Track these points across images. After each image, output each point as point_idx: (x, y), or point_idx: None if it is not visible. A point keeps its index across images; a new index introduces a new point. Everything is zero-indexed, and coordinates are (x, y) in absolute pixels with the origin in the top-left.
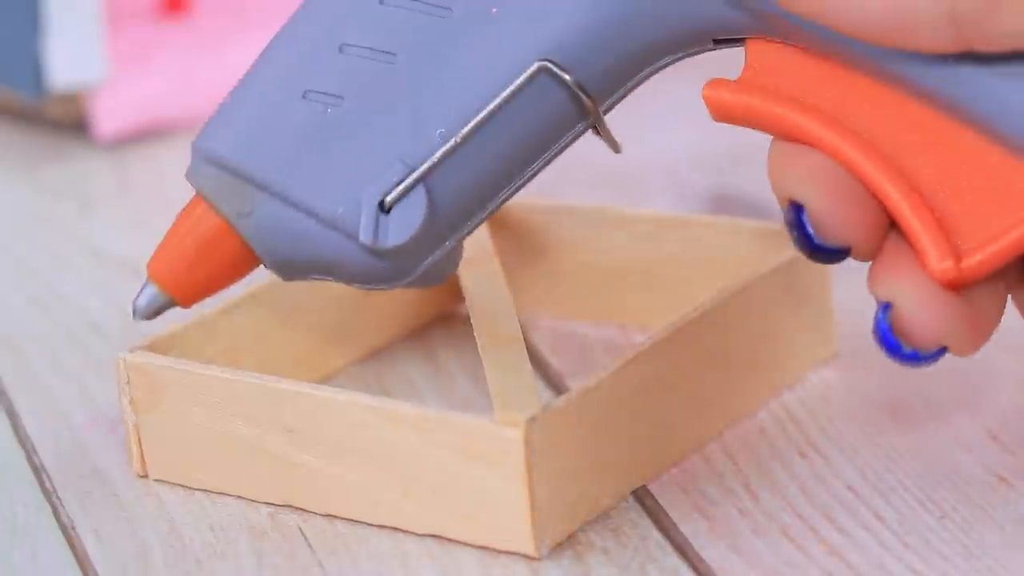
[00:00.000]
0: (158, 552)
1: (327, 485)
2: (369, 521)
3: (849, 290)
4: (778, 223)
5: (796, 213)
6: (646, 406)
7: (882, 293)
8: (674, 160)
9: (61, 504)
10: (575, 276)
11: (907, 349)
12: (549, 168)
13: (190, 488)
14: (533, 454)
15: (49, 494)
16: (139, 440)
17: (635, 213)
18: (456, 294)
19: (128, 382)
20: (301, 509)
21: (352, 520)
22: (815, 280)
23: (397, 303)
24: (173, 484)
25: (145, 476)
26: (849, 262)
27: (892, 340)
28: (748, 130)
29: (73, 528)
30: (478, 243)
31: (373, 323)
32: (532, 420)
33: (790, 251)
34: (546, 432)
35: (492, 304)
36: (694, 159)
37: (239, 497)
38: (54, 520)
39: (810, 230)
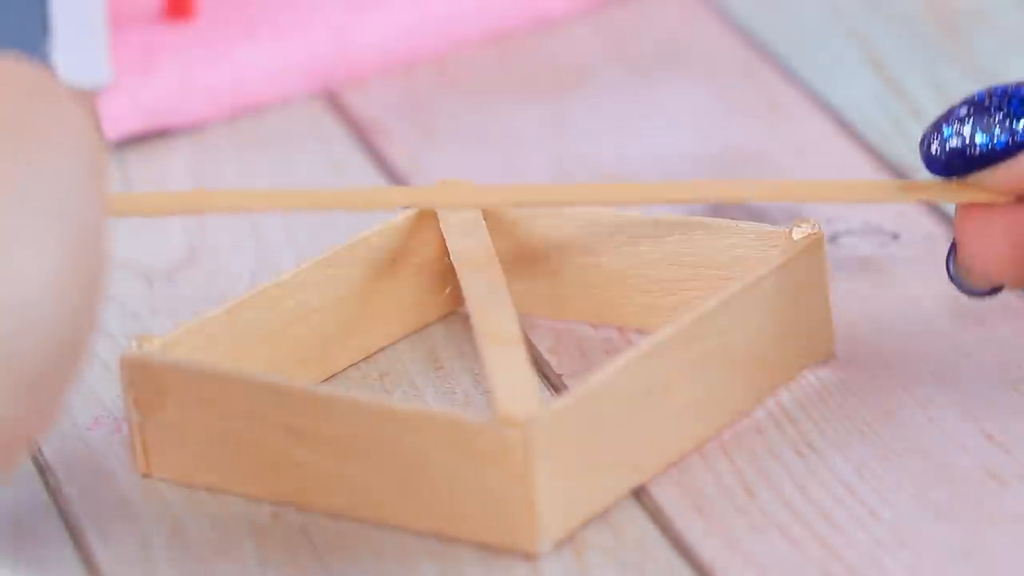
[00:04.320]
0: (162, 551)
1: (329, 483)
2: (371, 519)
3: (845, 291)
4: (774, 224)
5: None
6: (645, 407)
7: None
8: (672, 161)
9: (66, 503)
10: (573, 278)
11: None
12: (548, 170)
13: (193, 487)
14: (533, 453)
15: (54, 493)
16: (142, 439)
17: (633, 215)
18: (456, 295)
19: (131, 381)
20: (303, 507)
21: (354, 518)
22: (812, 282)
23: (399, 304)
24: (177, 483)
25: (148, 475)
26: (838, 272)
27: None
28: (746, 132)
29: (78, 527)
30: (478, 244)
31: (375, 324)
32: (533, 419)
33: (787, 253)
34: (546, 431)
35: (492, 304)
36: (692, 160)
37: (242, 495)
38: (59, 519)
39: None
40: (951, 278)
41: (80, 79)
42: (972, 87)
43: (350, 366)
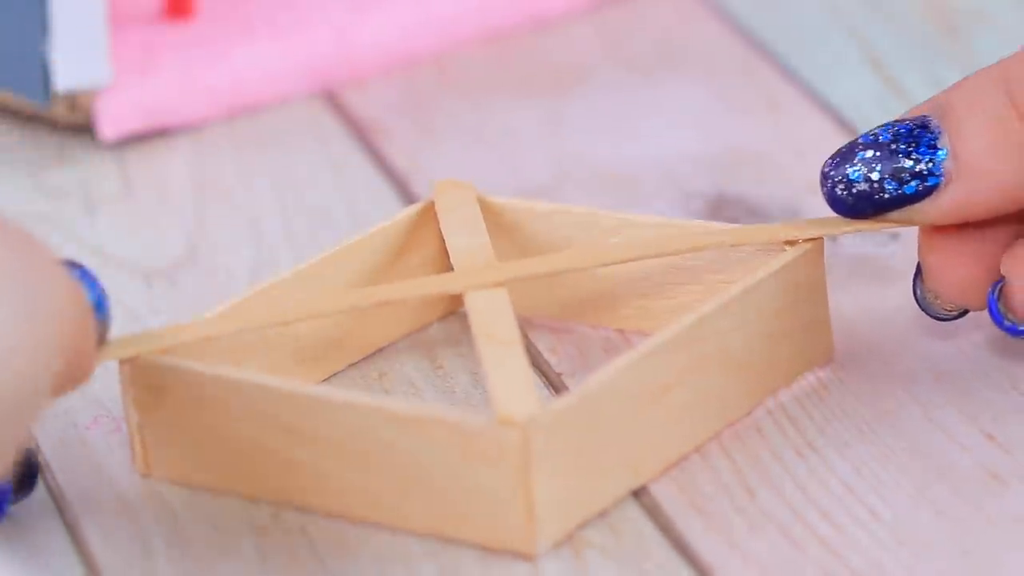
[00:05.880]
0: (162, 551)
1: (328, 484)
2: (369, 520)
3: (844, 291)
4: (775, 226)
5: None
6: (644, 408)
7: (1002, 268)
8: (671, 160)
9: (66, 503)
10: (571, 279)
11: (1008, 322)
12: (547, 169)
13: (193, 487)
14: (532, 453)
15: (54, 493)
16: (142, 439)
17: (633, 217)
18: (456, 295)
19: (130, 380)
20: (302, 508)
21: (353, 519)
22: (812, 287)
23: (397, 304)
24: (176, 483)
25: (148, 475)
26: (837, 271)
27: (995, 311)
28: (745, 131)
29: (78, 527)
30: (478, 243)
31: (374, 324)
32: (531, 420)
33: (787, 257)
34: (545, 432)
35: (491, 304)
36: (691, 159)
37: (241, 495)
38: (59, 519)
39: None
40: (918, 303)
41: (80, 79)
42: None
43: (349, 367)
